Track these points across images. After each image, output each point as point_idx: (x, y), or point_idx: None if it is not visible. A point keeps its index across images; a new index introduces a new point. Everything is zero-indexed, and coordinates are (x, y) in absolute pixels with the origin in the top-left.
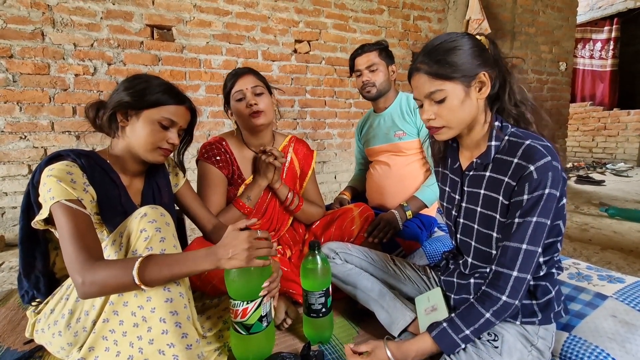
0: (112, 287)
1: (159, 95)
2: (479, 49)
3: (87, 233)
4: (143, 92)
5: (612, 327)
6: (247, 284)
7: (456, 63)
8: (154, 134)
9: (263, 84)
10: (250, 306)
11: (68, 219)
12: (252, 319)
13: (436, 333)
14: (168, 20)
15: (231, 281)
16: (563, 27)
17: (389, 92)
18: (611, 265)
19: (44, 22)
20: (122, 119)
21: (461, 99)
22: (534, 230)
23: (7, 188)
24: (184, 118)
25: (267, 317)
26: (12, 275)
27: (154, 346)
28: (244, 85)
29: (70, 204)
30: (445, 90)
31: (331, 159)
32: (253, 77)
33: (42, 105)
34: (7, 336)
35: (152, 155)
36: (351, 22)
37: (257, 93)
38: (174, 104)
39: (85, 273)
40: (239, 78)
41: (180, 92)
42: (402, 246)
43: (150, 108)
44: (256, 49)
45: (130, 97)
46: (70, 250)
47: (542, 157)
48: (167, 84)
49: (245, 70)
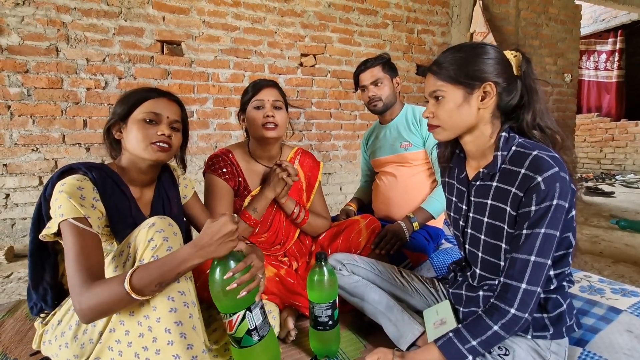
0: (109, 305)
1: (137, 95)
2: (495, 60)
3: (90, 253)
4: (124, 101)
5: (628, 342)
6: (227, 295)
7: (464, 68)
8: (142, 131)
9: (283, 100)
10: (234, 319)
11: (74, 239)
12: (240, 332)
13: (442, 342)
14: (178, 36)
15: (213, 293)
16: (567, 40)
17: (395, 104)
18: (624, 278)
19: (58, 39)
20: (117, 134)
21: (458, 104)
22: (542, 241)
23: (18, 199)
24: (168, 109)
25: (257, 330)
26: (21, 286)
27: (160, 357)
28: (265, 97)
29: (78, 223)
30: (445, 92)
31: (337, 170)
32: (276, 91)
33: (54, 118)
34: (14, 347)
35: (148, 152)
36: (356, 36)
37: (276, 106)
38: (152, 97)
39: (82, 299)
40: (263, 88)
41: (159, 89)
42: (409, 258)
43: (133, 111)
44: (263, 62)
45: (117, 110)
46: (72, 271)
47: (550, 168)
48: (148, 87)
49: (270, 83)
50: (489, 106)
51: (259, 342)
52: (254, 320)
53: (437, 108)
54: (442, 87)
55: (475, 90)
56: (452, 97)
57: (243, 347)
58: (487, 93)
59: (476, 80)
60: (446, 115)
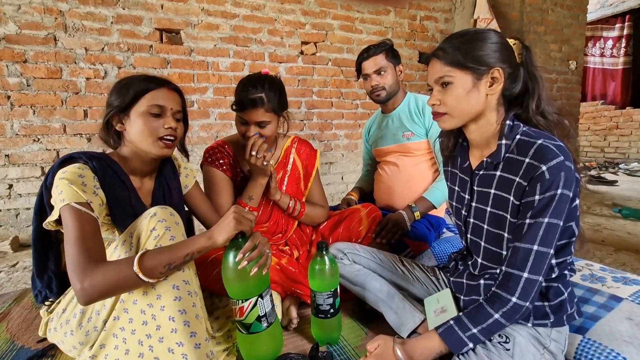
0: (114, 285)
1: (137, 86)
2: (500, 46)
3: (91, 236)
4: (122, 91)
5: (628, 330)
6: (241, 280)
7: (471, 53)
8: (148, 125)
9: (272, 114)
10: (246, 305)
11: (75, 222)
12: (250, 318)
13: (443, 330)
14: (177, 24)
15: (227, 279)
16: (573, 25)
17: (397, 93)
18: (626, 266)
19: (56, 28)
20: (118, 125)
21: (467, 90)
22: (545, 231)
23: (21, 190)
24: (171, 100)
25: (266, 317)
26: (26, 274)
27: (164, 344)
28: (251, 118)
29: (79, 207)
30: (453, 77)
31: (338, 160)
32: (263, 111)
33: (55, 109)
34: (21, 334)
35: (155, 148)
36: (357, 24)
37: (262, 125)
38: (153, 88)
39: (84, 277)
40: (247, 109)
41: (158, 76)
42: (410, 247)
43: (135, 103)
44: (263, 51)
45: (115, 103)
46: (72, 252)
47: (555, 157)
48: (143, 74)
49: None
50: (497, 92)
51: (267, 328)
52: (265, 307)
53: (444, 95)
54: (449, 72)
55: (484, 75)
56: (461, 83)
57: (252, 333)
58: (495, 79)
59: (484, 65)
60: (454, 102)
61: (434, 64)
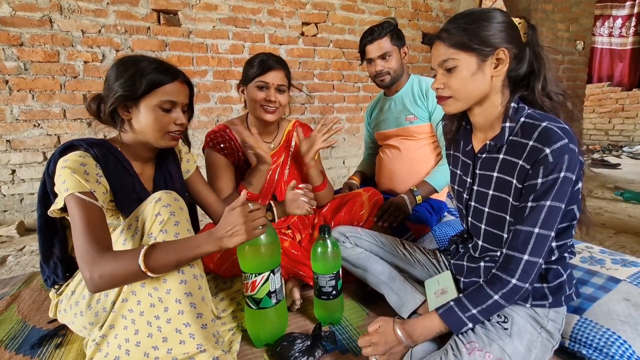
0: (122, 278)
1: (150, 77)
2: (505, 25)
3: (97, 225)
4: (134, 79)
5: (624, 310)
6: (256, 255)
7: (476, 34)
8: (159, 120)
9: (287, 83)
10: (259, 279)
11: (80, 211)
12: (261, 292)
13: (443, 311)
14: (174, 4)
15: (242, 254)
16: (582, 3)
17: (402, 76)
18: (625, 249)
19: (51, 9)
20: (124, 113)
21: (472, 72)
22: (547, 214)
23: (24, 175)
24: (182, 94)
25: (276, 294)
26: (34, 258)
27: (171, 325)
28: (271, 80)
29: (83, 197)
30: (457, 60)
31: (340, 143)
32: (283, 74)
33: (54, 93)
34: (32, 315)
35: (163, 141)
36: (359, 3)
37: (280, 90)
38: (168, 82)
39: (93, 267)
40: (270, 70)
41: (170, 66)
42: (411, 230)
43: (147, 94)
44: (263, 32)
45: (123, 90)
46: (80, 242)
47: (559, 140)
48: (155, 62)
49: (278, 65)
50: (502, 74)
51: (276, 305)
52: (275, 284)
53: (449, 78)
54: (454, 55)
55: (489, 57)
56: (466, 65)
57: (261, 308)
58: (500, 60)
59: (489, 46)
60: (460, 85)
61: (438, 47)
